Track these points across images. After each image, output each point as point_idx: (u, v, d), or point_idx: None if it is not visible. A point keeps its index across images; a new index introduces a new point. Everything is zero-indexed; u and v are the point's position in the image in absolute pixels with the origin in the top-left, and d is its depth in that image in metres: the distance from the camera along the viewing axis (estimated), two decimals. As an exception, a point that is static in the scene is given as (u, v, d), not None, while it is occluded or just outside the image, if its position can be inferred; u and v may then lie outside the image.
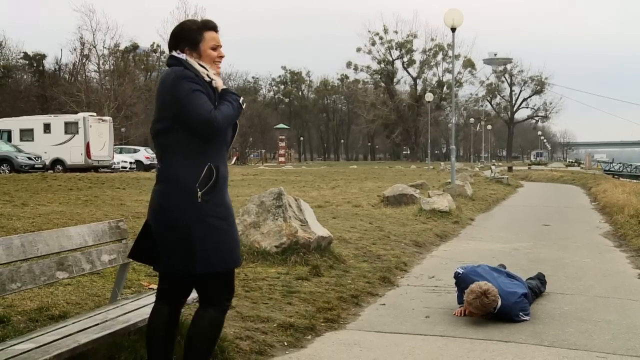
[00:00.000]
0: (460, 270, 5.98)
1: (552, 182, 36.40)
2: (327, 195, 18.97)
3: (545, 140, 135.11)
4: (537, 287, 6.52)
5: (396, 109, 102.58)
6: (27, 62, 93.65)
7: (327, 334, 5.10)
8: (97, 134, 37.01)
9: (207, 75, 3.50)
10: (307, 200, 17.05)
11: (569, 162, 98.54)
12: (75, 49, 76.01)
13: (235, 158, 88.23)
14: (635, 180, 37.88)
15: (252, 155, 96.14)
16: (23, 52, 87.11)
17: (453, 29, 20.33)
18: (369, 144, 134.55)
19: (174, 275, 3.53)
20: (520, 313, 5.59)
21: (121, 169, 40.42)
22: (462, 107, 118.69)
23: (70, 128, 36.89)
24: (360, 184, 25.60)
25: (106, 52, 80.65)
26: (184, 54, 3.53)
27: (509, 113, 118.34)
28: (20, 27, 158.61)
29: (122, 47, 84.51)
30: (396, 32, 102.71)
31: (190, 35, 3.56)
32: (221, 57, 3.63)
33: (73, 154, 36.29)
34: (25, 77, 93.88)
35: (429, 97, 52.35)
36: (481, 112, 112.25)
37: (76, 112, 46.84)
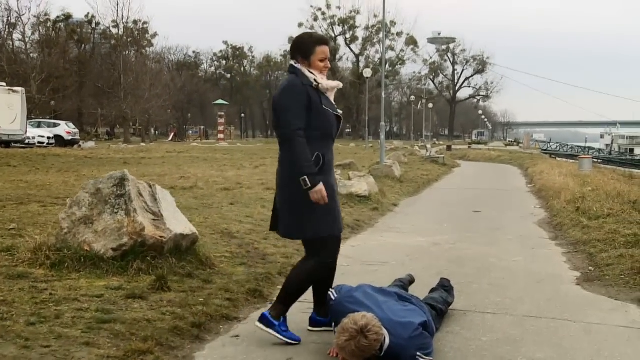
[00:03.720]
0: (332, 296, 4.32)
1: (490, 162, 35.33)
2: (243, 175, 17.19)
3: (486, 120, 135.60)
4: (442, 303, 4.91)
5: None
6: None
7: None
8: (7, 106, 34.09)
9: (315, 80, 4.33)
10: (217, 182, 15.32)
11: (509, 141, 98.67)
12: (1, 17, 71.88)
13: (172, 134, 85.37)
14: (571, 160, 37.23)
15: (190, 132, 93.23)
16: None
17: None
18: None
19: (291, 238, 4.74)
20: (419, 353, 3.94)
21: (37, 145, 37.69)
22: (405, 86, 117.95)
23: (-25, 98, 33.89)
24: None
25: (34, 20, 76.57)
26: (299, 64, 4.39)
27: (451, 92, 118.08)
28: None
29: (52, 16, 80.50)
30: (339, 7, 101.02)
31: (304, 47, 4.40)
32: (327, 67, 4.44)
33: None
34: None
35: (367, 72, 50.62)
36: (424, 90, 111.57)
37: (-2, 83, 43.67)
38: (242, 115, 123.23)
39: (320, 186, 4.15)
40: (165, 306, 4.80)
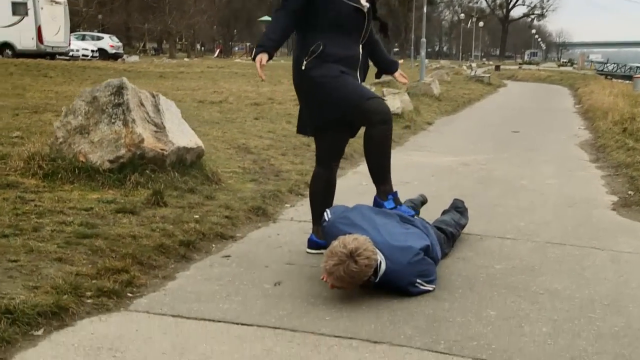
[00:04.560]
0: (326, 217, 3.93)
1: (539, 82, 34.06)
2: (278, 91, 16.71)
3: (540, 40, 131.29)
4: (453, 226, 4.49)
5: (387, 3, 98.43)
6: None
7: (82, 322, 3.06)
8: (50, 17, 33.90)
9: None
10: (250, 97, 14.91)
11: (562, 62, 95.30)
12: None
13: (218, 51, 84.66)
14: (628, 82, 35.65)
15: (236, 49, 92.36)
16: None
17: None
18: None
19: (308, 132, 4.32)
20: (419, 280, 3.56)
21: (82, 57, 37.62)
22: (456, 4, 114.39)
23: (19, 9, 33.64)
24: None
25: None
26: None
27: (504, 10, 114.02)
28: None
29: None
30: None
31: None
32: None
33: (23, 38, 33.26)
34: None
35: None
36: (475, 9, 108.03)
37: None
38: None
39: (258, 57, 3.88)
40: (157, 222, 4.49)
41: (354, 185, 6.40)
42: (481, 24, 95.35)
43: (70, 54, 36.16)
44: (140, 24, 76.03)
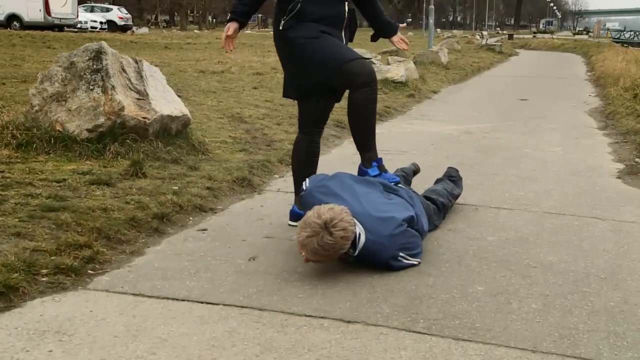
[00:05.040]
0: (304, 185, 3.69)
1: (552, 50, 33.45)
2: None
3: (555, 8, 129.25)
4: (445, 196, 4.23)
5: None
6: None
7: (32, 303, 2.84)
8: None
9: None
10: (253, 67, 14.63)
11: (578, 30, 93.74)
12: None
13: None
14: (643, 49, 34.89)
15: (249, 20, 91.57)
16: None
17: None
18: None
19: (292, 96, 4.01)
20: (402, 254, 3.32)
21: (90, 29, 37.33)
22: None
23: (27, -21, 33.44)
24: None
25: None
26: None
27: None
28: None
29: None
30: None
31: None
32: None
33: (30, 10, 33.04)
34: None
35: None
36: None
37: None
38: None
39: (226, 27, 3.79)
40: (133, 194, 4.27)
41: (350, 154, 6.13)
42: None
43: (79, 26, 35.91)
44: (152, -4, 75.47)
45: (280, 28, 3.79)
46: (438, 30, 61.29)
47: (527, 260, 3.51)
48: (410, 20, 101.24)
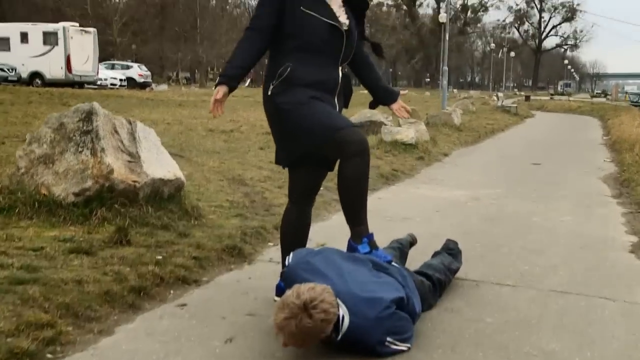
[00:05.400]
0: (287, 260, 3.46)
1: (568, 112, 33.29)
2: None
3: (573, 71, 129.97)
4: (442, 271, 3.97)
5: (417, 33, 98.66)
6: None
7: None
8: (80, 47, 34.27)
9: None
10: (265, 126, 14.54)
11: (596, 93, 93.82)
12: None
13: (249, 80, 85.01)
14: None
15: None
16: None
17: None
18: (391, 69, 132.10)
19: (283, 164, 3.81)
20: (389, 338, 3.06)
21: (110, 86, 37.84)
22: (488, 34, 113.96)
23: (49, 38, 34.14)
24: (351, 110, 22.80)
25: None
26: None
27: (537, 41, 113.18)
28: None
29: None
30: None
31: None
32: None
33: (52, 67, 33.68)
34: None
35: (442, 18, 48.16)
36: (506, 39, 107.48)
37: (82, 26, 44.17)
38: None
39: (216, 90, 3.50)
40: (113, 264, 4.05)
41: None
42: (512, 54, 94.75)
43: (99, 82, 36.41)
44: (173, 54, 76.79)
45: (269, 93, 3.62)
46: (455, 90, 61.74)
47: (527, 348, 3.24)
48: (429, 80, 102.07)
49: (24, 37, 34.49)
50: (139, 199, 5.06)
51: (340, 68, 3.74)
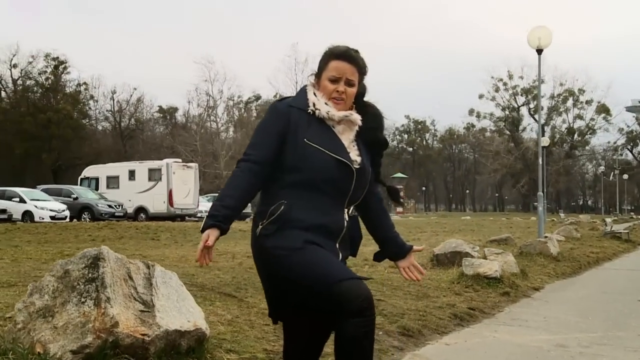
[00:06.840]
0: None
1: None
2: (365, 252, 15.63)
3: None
4: None
5: (522, 157, 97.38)
6: (161, 115, 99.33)
7: None
8: (181, 181, 35.66)
9: (314, 104, 3.14)
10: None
11: None
12: (199, 102, 79.03)
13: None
14: None
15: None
16: (158, 106, 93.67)
17: (539, 51, 16.66)
18: (497, 194, 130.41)
19: (274, 318, 3.34)
20: None
21: (211, 218, 38.59)
22: (599, 157, 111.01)
23: (154, 175, 35.82)
24: (447, 236, 21.88)
25: (230, 103, 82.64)
26: (311, 83, 3.27)
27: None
28: (151, 83, 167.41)
29: (244, 98, 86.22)
30: (521, 77, 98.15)
31: (320, 61, 3.27)
32: (341, 93, 3.15)
33: (156, 202, 35.11)
34: (158, 128, 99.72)
35: (544, 141, 47.37)
36: (620, 161, 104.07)
37: (191, 161, 46.29)
38: (424, 188, 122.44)
39: (205, 234, 2.99)
40: None
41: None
42: (625, 176, 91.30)
43: (199, 215, 37.30)
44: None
45: (257, 234, 3.11)
46: (562, 215, 59.45)
47: None
48: (536, 204, 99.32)
49: (132, 174, 36.36)
50: (150, 354, 4.46)
51: (346, 210, 3.13)
